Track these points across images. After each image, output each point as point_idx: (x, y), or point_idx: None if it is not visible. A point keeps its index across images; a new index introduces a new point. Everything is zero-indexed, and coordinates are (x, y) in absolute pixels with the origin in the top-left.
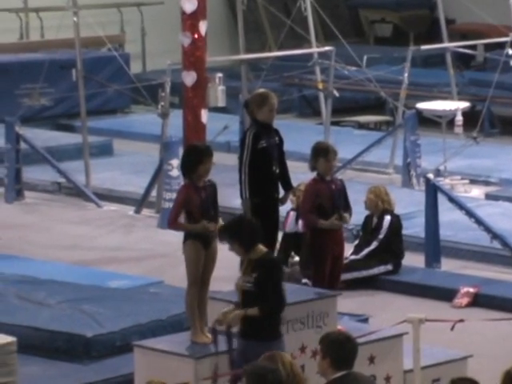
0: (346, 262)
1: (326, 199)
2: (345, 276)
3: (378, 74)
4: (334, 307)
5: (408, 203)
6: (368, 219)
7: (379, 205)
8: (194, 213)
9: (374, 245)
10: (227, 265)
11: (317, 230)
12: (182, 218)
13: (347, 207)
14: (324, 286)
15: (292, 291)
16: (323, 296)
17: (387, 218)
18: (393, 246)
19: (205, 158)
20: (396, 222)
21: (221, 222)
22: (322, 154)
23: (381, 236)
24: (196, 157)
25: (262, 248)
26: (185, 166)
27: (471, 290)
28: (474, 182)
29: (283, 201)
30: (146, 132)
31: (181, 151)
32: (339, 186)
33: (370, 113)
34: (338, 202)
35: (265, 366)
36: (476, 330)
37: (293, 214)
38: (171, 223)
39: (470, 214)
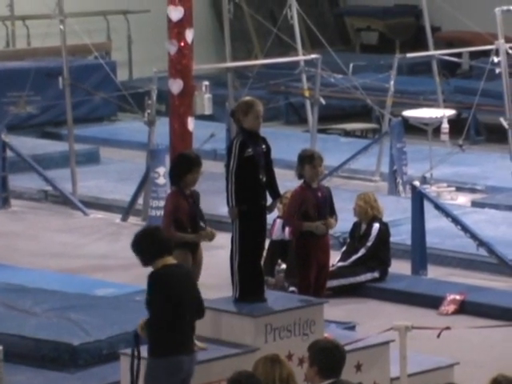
0: (333, 268)
1: (312, 206)
2: (332, 283)
3: (364, 82)
4: (320, 315)
5: (394, 210)
6: (356, 226)
7: (369, 212)
8: (182, 220)
9: (362, 252)
10: (215, 272)
11: (302, 237)
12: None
13: (332, 214)
14: (309, 294)
15: (278, 299)
16: (310, 304)
17: (376, 225)
18: (380, 253)
19: (193, 168)
20: (385, 230)
21: (208, 229)
22: (307, 160)
23: (369, 243)
24: (185, 166)
25: (162, 261)
26: (173, 173)
27: (458, 297)
28: (460, 189)
29: (270, 209)
30: (132, 140)
31: (167, 159)
32: (325, 194)
33: (357, 120)
34: (324, 209)
35: (241, 372)
36: (462, 337)
37: (279, 222)
38: (166, 233)
39: (456, 221)
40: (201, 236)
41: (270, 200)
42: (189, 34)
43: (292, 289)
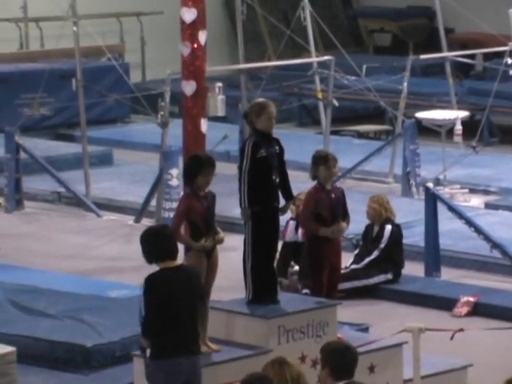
0: (346, 271)
1: (326, 208)
2: (345, 285)
3: (378, 84)
4: (334, 316)
5: (408, 212)
6: (368, 228)
7: (382, 214)
8: (197, 222)
9: (375, 254)
10: (228, 274)
11: (314, 239)
12: (182, 229)
13: (345, 216)
14: (322, 296)
15: (291, 301)
16: (323, 305)
17: (388, 227)
18: (393, 255)
19: (205, 170)
20: (397, 232)
21: (221, 234)
22: (321, 161)
23: (382, 245)
24: (196, 167)
25: (162, 264)
26: (185, 175)
27: (471, 299)
28: (473, 191)
29: (284, 210)
30: (145, 141)
31: (181, 161)
32: (339, 195)
33: (370, 122)
34: (337, 211)
35: (253, 374)
36: (476, 339)
37: (292, 223)
38: (173, 233)
39: (469, 223)
40: (204, 245)
41: (282, 201)
42: (202, 36)
43: (305, 291)
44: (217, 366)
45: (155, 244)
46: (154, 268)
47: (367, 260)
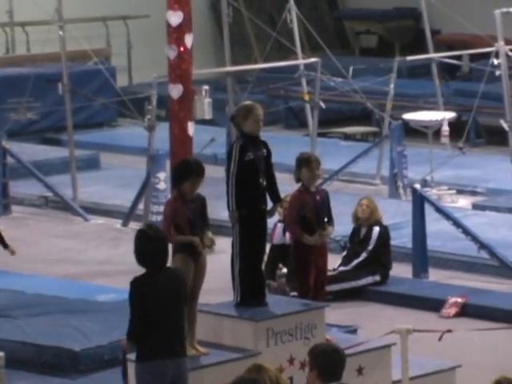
0: (334, 273)
1: (311, 210)
2: (333, 287)
3: (364, 85)
4: (322, 319)
5: (395, 214)
6: (356, 230)
7: (372, 216)
8: (182, 225)
9: (363, 256)
10: (217, 276)
11: (300, 242)
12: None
13: (330, 219)
14: (309, 298)
15: (280, 303)
16: (311, 308)
17: (376, 229)
18: (381, 257)
19: (191, 176)
20: (385, 233)
21: (209, 234)
22: (304, 164)
23: (370, 247)
24: (184, 173)
25: (148, 270)
26: (173, 178)
27: (459, 300)
28: (460, 192)
29: (271, 213)
30: (132, 145)
31: (168, 164)
32: (323, 197)
33: (357, 124)
34: (322, 213)
35: (242, 376)
36: (464, 339)
37: (280, 226)
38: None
39: (457, 224)
40: (194, 240)
41: (270, 204)
42: (188, 39)
43: (293, 293)
44: (205, 369)
45: (145, 248)
46: (141, 273)
47: (355, 262)
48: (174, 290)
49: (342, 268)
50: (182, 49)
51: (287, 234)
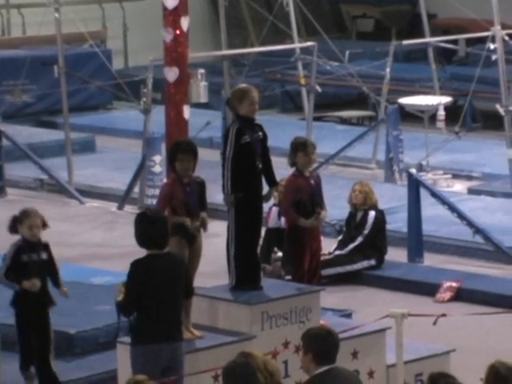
0: (330, 257)
1: (305, 195)
2: (329, 271)
3: (360, 69)
4: (317, 302)
5: (390, 198)
6: (351, 215)
7: (367, 200)
8: (177, 208)
9: (359, 240)
10: (212, 260)
11: (295, 226)
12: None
13: (322, 203)
14: (304, 282)
15: (275, 287)
16: (306, 291)
17: (372, 213)
18: (377, 241)
19: (180, 156)
20: (380, 218)
21: (202, 215)
22: (300, 148)
23: (366, 231)
24: (173, 153)
25: (150, 251)
26: (167, 160)
27: (454, 284)
28: (456, 176)
29: (267, 197)
30: (128, 128)
31: (163, 147)
32: (317, 182)
33: (353, 108)
34: (317, 197)
35: (235, 360)
36: (459, 324)
37: (275, 209)
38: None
39: (452, 208)
40: (188, 221)
41: (266, 188)
42: (184, 22)
43: (288, 277)
44: (200, 352)
45: (146, 230)
46: (136, 256)
47: (351, 246)
48: (174, 275)
49: (337, 252)
50: (178, 32)
51: (282, 218)
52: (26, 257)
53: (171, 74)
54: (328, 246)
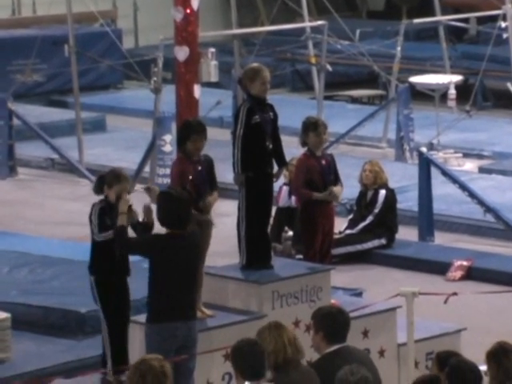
0: (340, 236)
1: (317, 175)
2: (339, 250)
3: (371, 48)
4: (327, 281)
5: (401, 177)
6: (362, 194)
7: (378, 179)
8: (187, 187)
9: (370, 219)
10: (223, 239)
11: (307, 205)
12: None
13: (337, 181)
14: (316, 261)
15: (285, 266)
16: (317, 270)
17: (382, 192)
18: (387, 220)
19: (193, 135)
20: (391, 196)
21: (207, 200)
22: (311, 128)
23: (376, 210)
24: (185, 133)
25: (170, 230)
26: (177, 140)
27: (465, 263)
28: (467, 155)
29: (277, 176)
30: (138, 107)
31: (174, 127)
32: (329, 161)
33: (363, 87)
34: (328, 177)
35: (243, 339)
36: (469, 303)
37: (285, 189)
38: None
39: (463, 187)
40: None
41: (276, 168)
42: (195, 1)
43: (299, 256)
44: (211, 331)
45: (170, 210)
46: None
47: (361, 225)
48: (192, 255)
49: (348, 231)
50: (188, 11)
51: (293, 198)
52: (109, 220)
53: (181, 53)
54: (339, 225)
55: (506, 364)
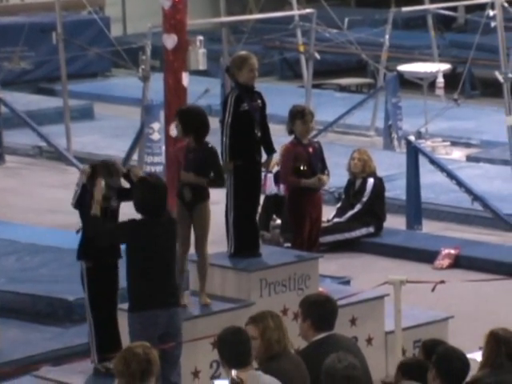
0: (328, 224)
1: (304, 162)
2: (327, 238)
3: (360, 37)
4: (315, 269)
5: (389, 165)
6: (350, 182)
7: (366, 167)
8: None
9: (358, 208)
10: (211, 227)
11: (295, 193)
12: None
13: (324, 169)
14: (304, 249)
15: (273, 254)
16: (305, 258)
17: (371, 180)
18: (376, 208)
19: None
20: (379, 185)
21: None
22: (298, 116)
23: (364, 199)
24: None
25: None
26: (182, 129)
27: (452, 251)
28: (455, 144)
29: (267, 165)
30: (126, 95)
31: (162, 115)
32: (316, 149)
33: (352, 75)
34: (315, 165)
35: (229, 327)
36: (457, 291)
37: (270, 176)
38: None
39: (451, 176)
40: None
41: (264, 156)
42: None
43: (287, 244)
44: (199, 318)
45: (145, 196)
46: None
47: (349, 213)
48: (169, 241)
49: (336, 219)
50: None
51: (281, 186)
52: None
53: (170, 41)
54: (327, 213)
55: (506, 350)
